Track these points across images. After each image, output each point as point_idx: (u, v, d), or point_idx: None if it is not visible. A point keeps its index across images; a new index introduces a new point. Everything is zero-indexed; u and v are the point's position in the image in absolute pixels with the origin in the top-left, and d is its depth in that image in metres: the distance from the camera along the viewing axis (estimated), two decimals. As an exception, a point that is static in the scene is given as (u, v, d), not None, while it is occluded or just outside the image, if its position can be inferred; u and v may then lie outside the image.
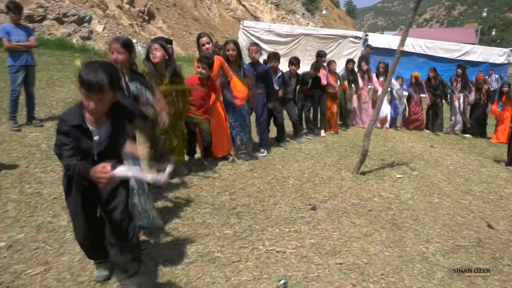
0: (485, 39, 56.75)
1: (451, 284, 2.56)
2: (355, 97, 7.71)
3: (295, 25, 22.71)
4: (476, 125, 8.33)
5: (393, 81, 8.01)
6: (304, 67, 7.14)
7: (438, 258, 2.89)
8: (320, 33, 16.30)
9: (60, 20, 12.89)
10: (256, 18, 27.61)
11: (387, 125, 8.22)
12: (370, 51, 12.25)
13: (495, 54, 14.63)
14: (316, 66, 6.35)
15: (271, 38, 15.77)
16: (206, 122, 4.19)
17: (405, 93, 8.54)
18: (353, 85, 7.58)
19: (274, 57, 5.49)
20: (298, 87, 6.32)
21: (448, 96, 8.39)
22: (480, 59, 14.58)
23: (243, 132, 4.83)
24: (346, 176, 4.62)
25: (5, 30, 4.57)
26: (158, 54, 3.34)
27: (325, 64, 6.88)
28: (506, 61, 14.63)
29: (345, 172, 4.79)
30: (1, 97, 6.11)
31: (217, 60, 4.29)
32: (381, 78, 7.93)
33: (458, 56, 14.81)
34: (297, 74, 6.11)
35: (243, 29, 16.10)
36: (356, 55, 15.08)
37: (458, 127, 8.37)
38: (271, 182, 4.16)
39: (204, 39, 4.36)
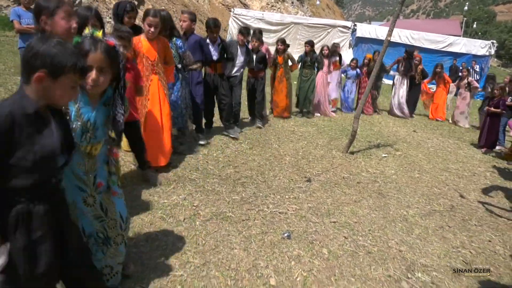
0: (469, 31, 58.00)
1: (426, 238, 3.04)
2: (318, 83, 7.40)
3: (285, 14, 22.89)
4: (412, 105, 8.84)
5: (345, 64, 8.37)
6: (295, 56, 7.16)
7: (417, 219, 3.37)
8: (310, 22, 16.62)
9: (51, 4, 12.83)
10: (245, 6, 27.63)
11: (338, 106, 8.31)
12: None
13: (477, 46, 15.24)
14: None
15: (262, 26, 15.95)
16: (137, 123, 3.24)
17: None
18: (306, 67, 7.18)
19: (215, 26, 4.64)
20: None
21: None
22: (463, 51, 15.19)
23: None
24: (336, 155, 5.07)
25: (16, 13, 4.78)
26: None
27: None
28: (487, 53, 15.28)
29: (335, 151, 5.23)
30: (3, 78, 6.27)
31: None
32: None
33: (442, 47, 15.38)
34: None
35: (233, 16, 16.28)
36: (344, 45, 15.56)
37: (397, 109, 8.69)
38: (269, 159, 4.57)
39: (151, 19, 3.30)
